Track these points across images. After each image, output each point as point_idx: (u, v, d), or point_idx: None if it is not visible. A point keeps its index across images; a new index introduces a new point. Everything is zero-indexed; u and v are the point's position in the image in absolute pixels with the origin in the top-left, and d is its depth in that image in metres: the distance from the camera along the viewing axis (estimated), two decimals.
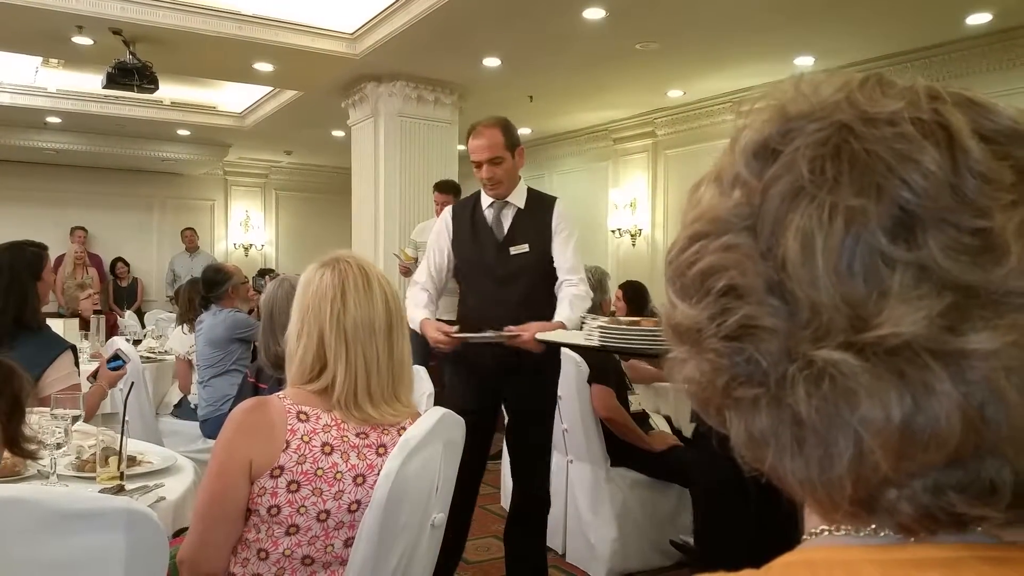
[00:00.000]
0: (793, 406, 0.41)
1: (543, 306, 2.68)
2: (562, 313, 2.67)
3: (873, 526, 0.42)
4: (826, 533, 0.44)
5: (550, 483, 2.87)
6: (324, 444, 1.47)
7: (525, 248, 2.70)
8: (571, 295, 2.68)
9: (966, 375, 0.38)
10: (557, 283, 2.74)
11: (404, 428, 1.57)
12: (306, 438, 1.46)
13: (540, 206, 2.78)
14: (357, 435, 1.51)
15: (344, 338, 1.50)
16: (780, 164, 0.42)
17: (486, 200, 2.77)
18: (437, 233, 2.85)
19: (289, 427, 1.46)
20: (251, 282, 5.44)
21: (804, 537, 0.46)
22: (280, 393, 1.53)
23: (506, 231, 2.73)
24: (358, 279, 1.54)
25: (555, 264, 2.73)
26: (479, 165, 2.69)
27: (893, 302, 0.38)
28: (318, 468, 1.45)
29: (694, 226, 0.46)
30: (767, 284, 0.41)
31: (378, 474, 1.50)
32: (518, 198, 2.75)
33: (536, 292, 2.70)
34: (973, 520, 0.40)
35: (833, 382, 0.39)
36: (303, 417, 1.48)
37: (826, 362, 0.39)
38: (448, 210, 2.91)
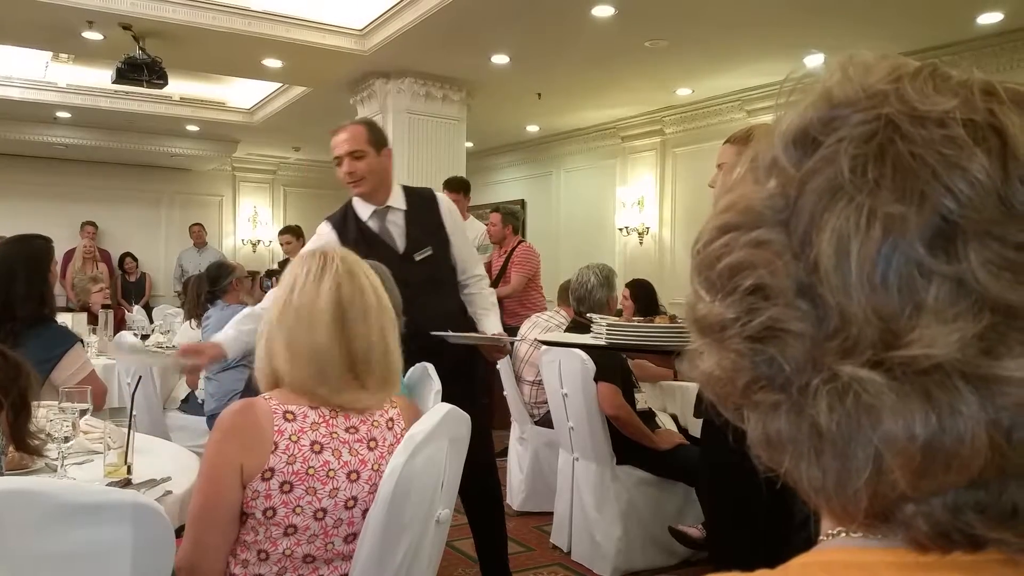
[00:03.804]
0: (814, 416, 0.40)
1: (455, 305, 2.66)
2: (494, 325, 2.67)
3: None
4: (843, 535, 0.43)
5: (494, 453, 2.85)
6: (313, 442, 1.46)
7: (429, 251, 2.60)
8: (489, 303, 2.71)
9: (996, 400, 0.36)
10: (462, 283, 2.72)
11: (392, 420, 1.57)
12: (294, 437, 1.45)
13: (423, 202, 2.67)
14: (347, 430, 1.50)
15: (286, 326, 1.50)
16: (820, 157, 0.40)
17: (364, 210, 2.61)
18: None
19: (276, 428, 1.44)
20: (259, 282, 5.49)
21: (820, 538, 0.45)
22: (266, 394, 1.52)
23: (404, 238, 2.59)
24: (312, 269, 1.52)
25: (456, 262, 2.68)
26: (340, 161, 2.57)
27: (927, 319, 0.36)
28: (309, 467, 1.44)
29: (725, 216, 0.44)
30: (797, 286, 0.40)
31: (372, 469, 1.50)
32: (397, 200, 2.63)
33: (446, 291, 2.65)
34: (990, 542, 0.39)
35: (857, 398, 0.38)
36: (289, 416, 1.46)
37: (852, 378, 0.38)
38: (328, 230, 2.65)
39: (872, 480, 0.39)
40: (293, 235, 6.77)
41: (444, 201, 2.72)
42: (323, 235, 2.64)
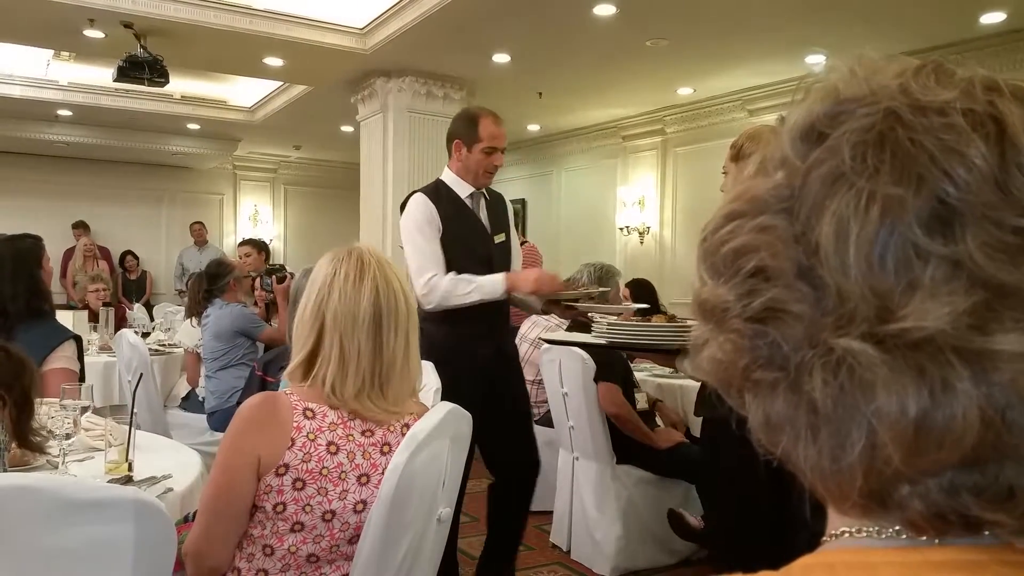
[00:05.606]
0: (810, 393, 0.40)
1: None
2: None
3: (897, 527, 0.42)
4: (847, 535, 0.43)
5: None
6: (330, 443, 1.46)
7: (503, 237, 2.86)
8: None
9: (990, 376, 0.37)
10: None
11: (407, 425, 1.56)
12: (312, 436, 1.45)
13: (498, 199, 2.94)
14: (363, 433, 1.50)
15: (321, 326, 1.49)
16: (824, 148, 0.42)
17: (463, 190, 2.80)
18: (428, 223, 2.73)
19: (295, 424, 1.44)
20: (259, 281, 5.47)
21: (824, 539, 0.45)
22: (288, 389, 1.52)
23: (488, 220, 2.85)
24: (351, 271, 1.51)
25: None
26: (494, 152, 2.74)
27: (921, 296, 0.37)
28: (323, 467, 1.44)
29: (732, 205, 0.45)
30: (797, 268, 0.41)
31: (382, 473, 1.49)
32: (486, 191, 2.89)
33: None
34: (986, 524, 0.39)
35: (851, 372, 0.39)
36: (309, 414, 1.47)
37: (845, 351, 0.39)
38: (424, 200, 2.77)
39: (866, 456, 0.39)
40: (254, 248, 6.12)
41: (509, 204, 3.02)
42: (420, 204, 2.77)
